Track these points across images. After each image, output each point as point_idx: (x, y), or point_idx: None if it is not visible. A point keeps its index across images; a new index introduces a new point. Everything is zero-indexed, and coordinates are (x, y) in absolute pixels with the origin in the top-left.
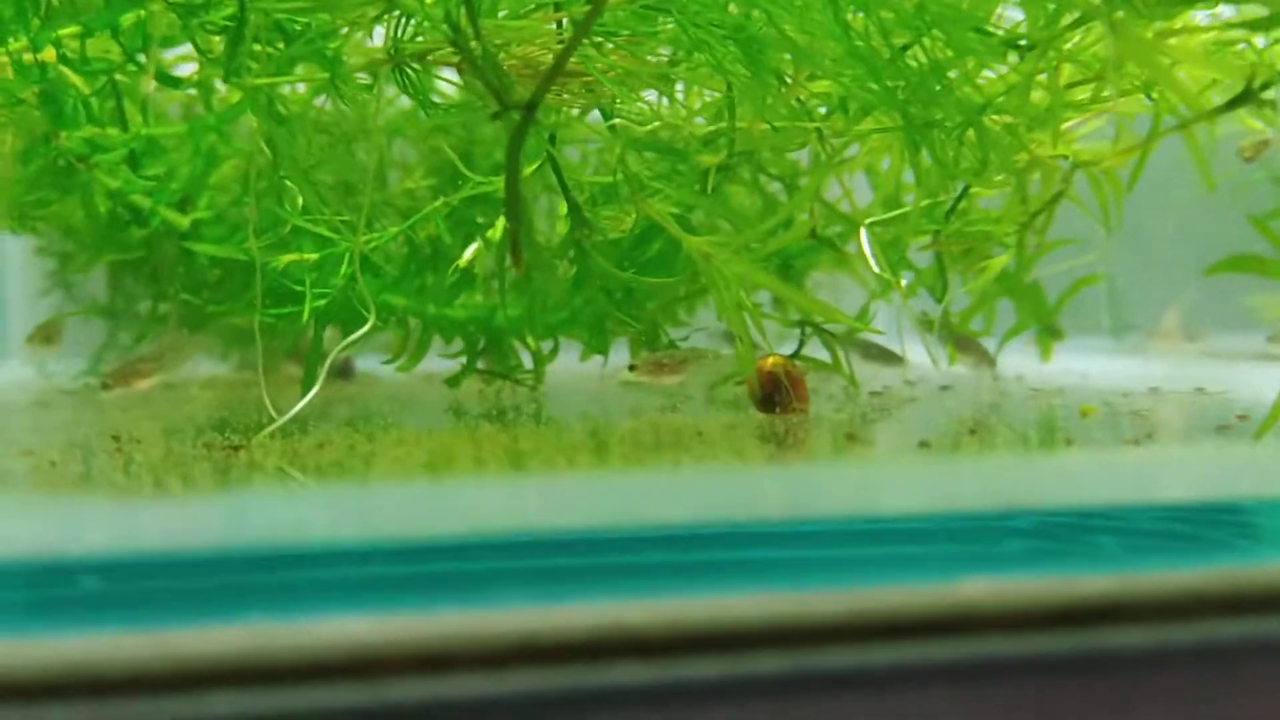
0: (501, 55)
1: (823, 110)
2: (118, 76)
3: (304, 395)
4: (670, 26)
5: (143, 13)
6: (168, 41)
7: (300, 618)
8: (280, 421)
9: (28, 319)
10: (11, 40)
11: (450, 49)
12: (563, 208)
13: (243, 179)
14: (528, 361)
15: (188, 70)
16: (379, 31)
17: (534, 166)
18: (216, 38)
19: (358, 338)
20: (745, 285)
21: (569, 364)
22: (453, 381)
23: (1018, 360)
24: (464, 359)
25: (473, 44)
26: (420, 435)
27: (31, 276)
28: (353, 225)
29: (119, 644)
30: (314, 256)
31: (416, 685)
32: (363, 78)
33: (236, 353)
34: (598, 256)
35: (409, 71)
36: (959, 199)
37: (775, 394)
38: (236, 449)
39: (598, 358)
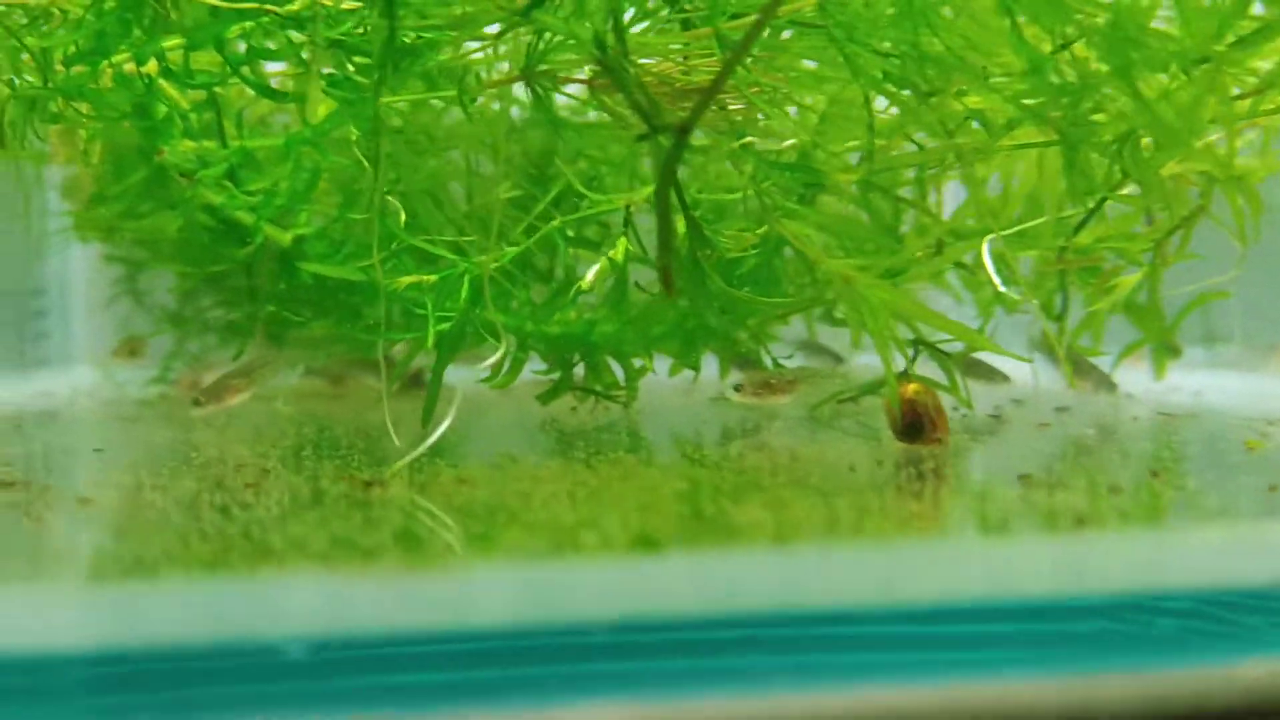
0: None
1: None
2: (216, 90)
3: (425, 421)
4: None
5: (248, 25)
6: (271, 55)
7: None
8: (413, 454)
9: (93, 327)
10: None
11: (594, 68)
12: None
13: (343, 194)
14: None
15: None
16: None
17: (653, 186)
18: (320, 50)
19: (491, 361)
20: (887, 309)
21: (653, 379)
22: (545, 398)
23: (1125, 376)
24: (555, 375)
25: (622, 64)
26: (557, 470)
27: (97, 285)
28: (466, 246)
29: None
30: (432, 278)
31: None
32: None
33: (309, 364)
34: (715, 275)
35: (539, 89)
36: (1091, 214)
37: (917, 423)
38: (372, 484)
39: (677, 374)
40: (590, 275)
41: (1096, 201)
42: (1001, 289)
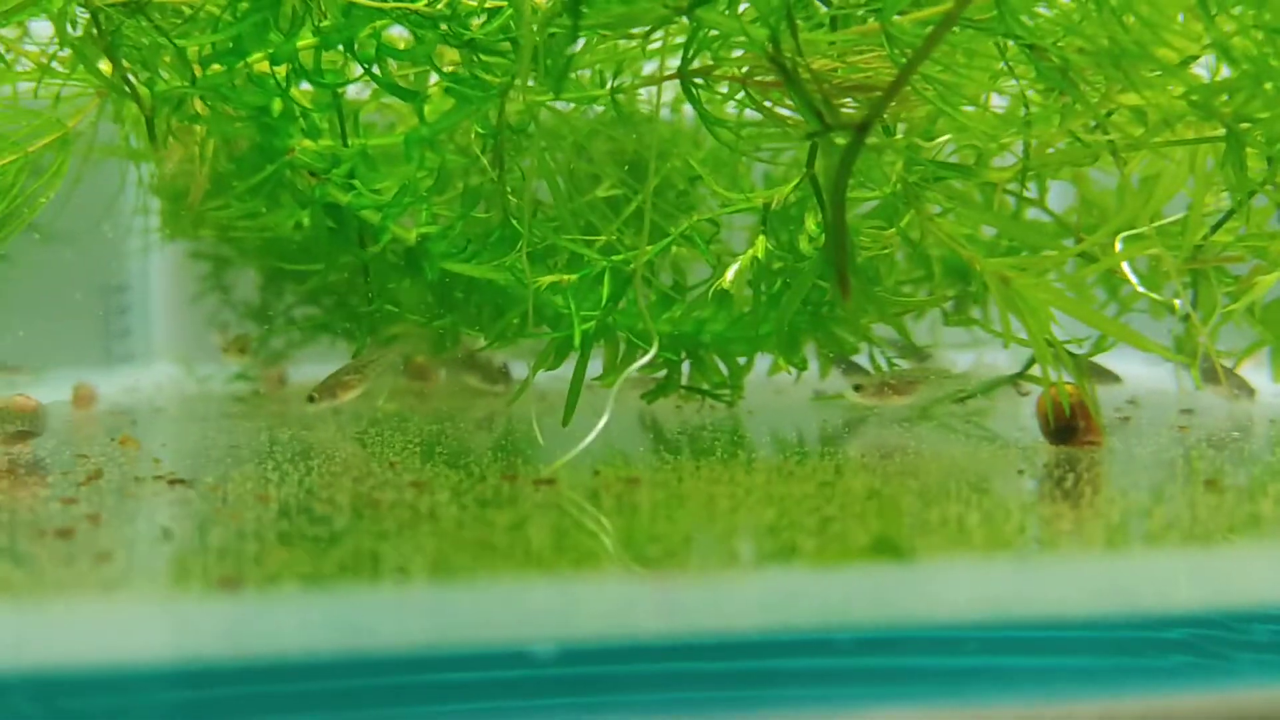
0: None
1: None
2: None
3: (566, 420)
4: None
5: (378, 24)
6: (400, 54)
7: None
8: (572, 453)
9: (171, 324)
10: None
11: (752, 67)
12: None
13: (462, 193)
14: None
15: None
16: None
17: (795, 182)
18: (452, 49)
19: (639, 364)
20: (1044, 308)
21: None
22: (650, 396)
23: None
24: (657, 374)
25: (795, 63)
26: (718, 469)
27: (177, 282)
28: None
29: None
30: (571, 278)
31: None
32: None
33: (407, 361)
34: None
35: (694, 88)
36: (1232, 211)
37: (1071, 425)
38: (541, 483)
39: (776, 373)
40: (730, 274)
41: (1238, 200)
42: (1138, 286)
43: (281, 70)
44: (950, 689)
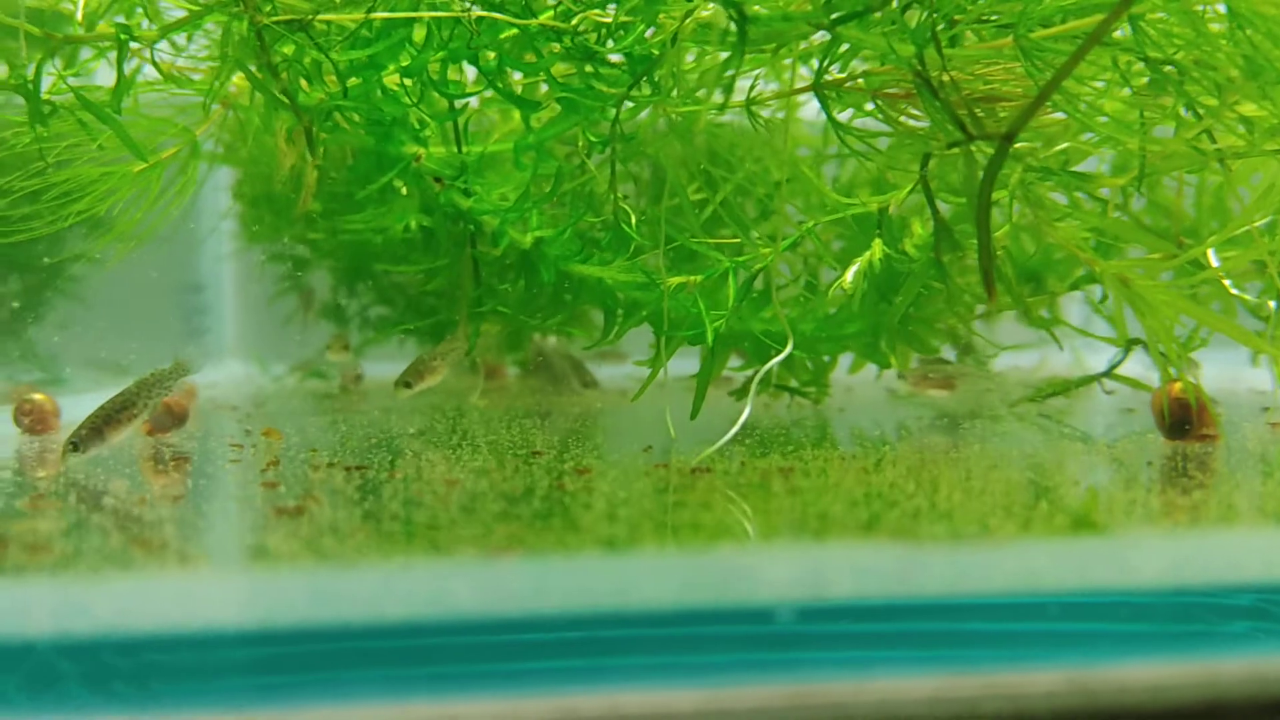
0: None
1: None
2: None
3: (695, 413)
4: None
5: (502, 36)
6: (523, 66)
7: None
8: (719, 443)
9: (243, 323)
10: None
11: (898, 79)
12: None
13: (573, 197)
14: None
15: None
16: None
17: (909, 188)
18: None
19: (773, 364)
20: (1164, 308)
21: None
22: (739, 393)
23: None
24: (742, 371)
25: (940, 77)
26: (862, 458)
27: (249, 283)
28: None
29: None
30: (698, 279)
31: None
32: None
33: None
34: (955, 276)
35: (828, 99)
36: None
37: (1186, 419)
38: (698, 471)
39: (858, 370)
40: (849, 275)
41: None
42: (1234, 291)
43: (406, 82)
44: (1174, 646)
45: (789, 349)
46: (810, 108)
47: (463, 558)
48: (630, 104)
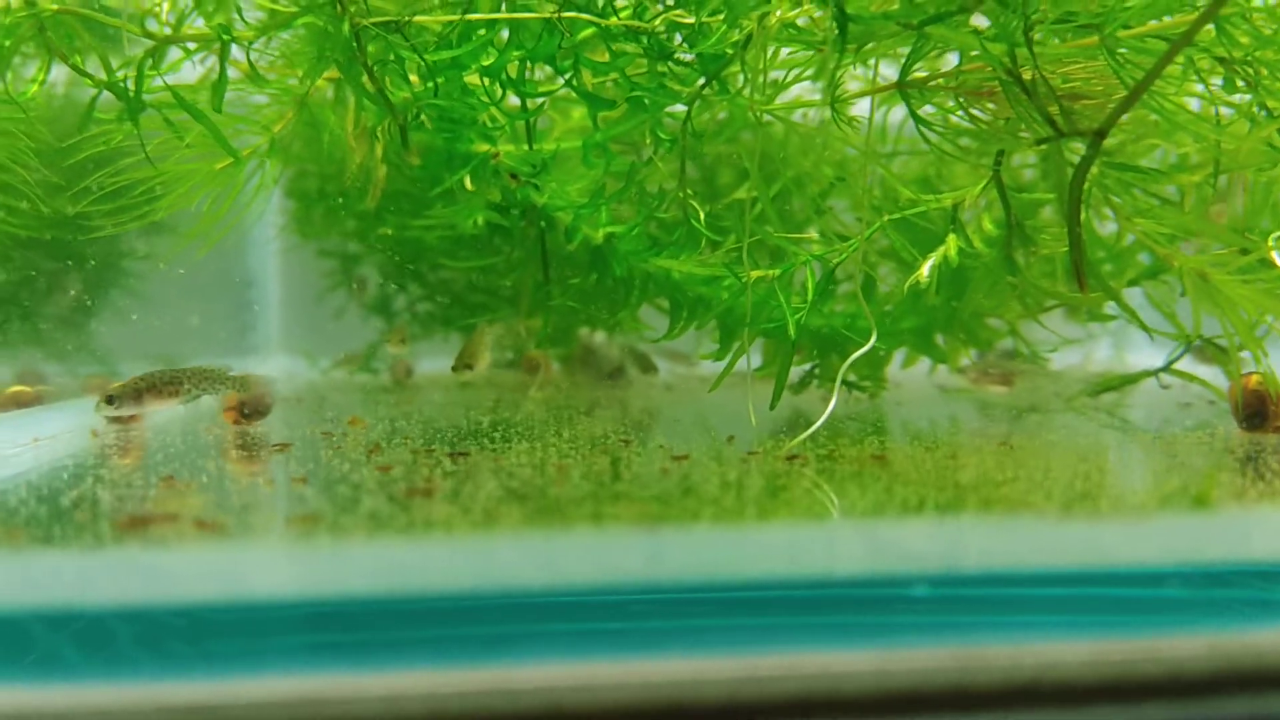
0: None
1: None
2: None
3: (774, 404)
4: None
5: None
6: (598, 66)
7: None
8: (807, 433)
9: (289, 318)
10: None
11: (981, 78)
12: (986, 221)
13: (641, 193)
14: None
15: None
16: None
17: (981, 185)
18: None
19: (858, 356)
20: (1243, 302)
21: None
22: (798, 388)
23: None
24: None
25: (1035, 74)
26: (947, 448)
27: (296, 278)
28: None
29: None
30: (776, 272)
31: None
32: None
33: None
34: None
35: (910, 98)
36: None
37: (1263, 411)
38: (794, 458)
39: (911, 365)
40: (925, 269)
41: None
42: None
43: (483, 82)
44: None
45: (871, 342)
46: (859, 107)
47: (623, 529)
48: (698, 102)
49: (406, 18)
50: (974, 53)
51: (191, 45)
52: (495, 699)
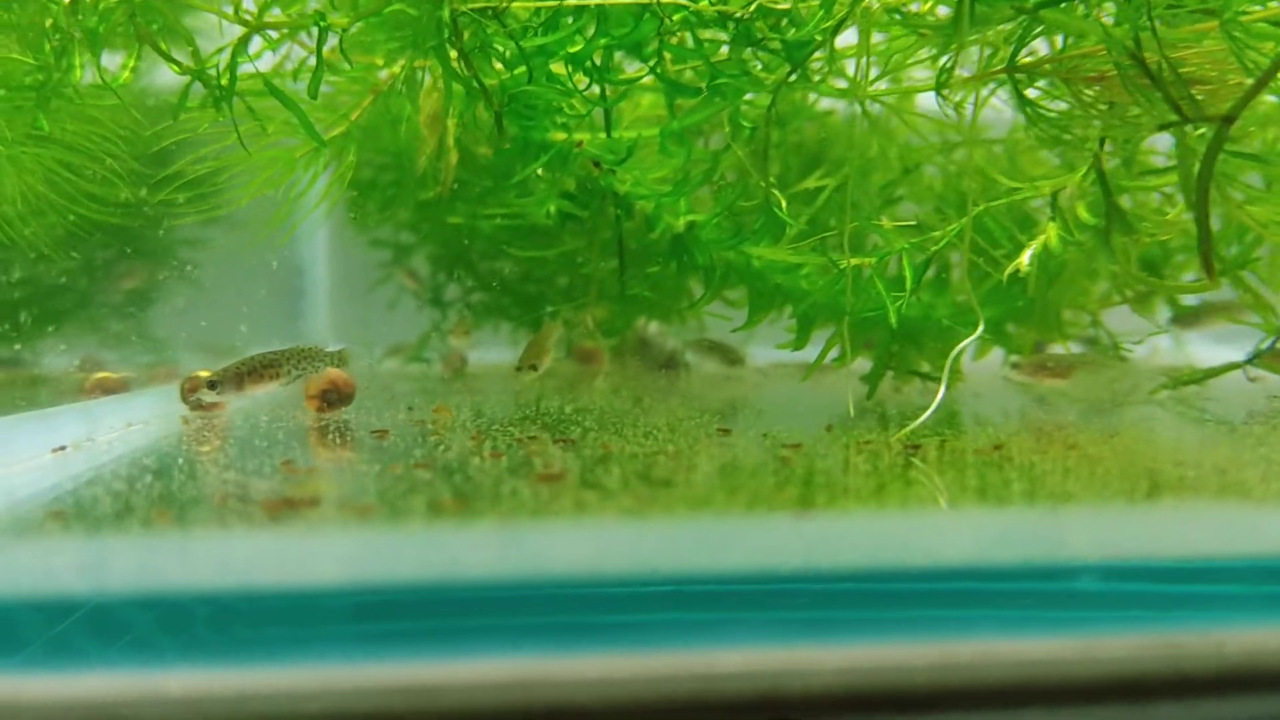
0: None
1: None
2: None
3: (870, 393)
4: None
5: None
6: (683, 53)
7: None
8: (917, 422)
9: (339, 307)
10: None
11: (1091, 63)
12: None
13: (720, 182)
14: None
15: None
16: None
17: (1081, 172)
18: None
19: (966, 344)
20: None
21: None
22: (871, 377)
23: None
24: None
25: (1160, 59)
26: (1054, 434)
27: (346, 268)
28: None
29: None
30: (872, 261)
31: None
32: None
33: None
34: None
35: (1018, 83)
36: None
37: None
38: (910, 448)
39: (983, 357)
40: (1025, 258)
41: None
42: None
43: (562, 69)
44: None
45: (979, 331)
46: (924, 96)
47: (775, 514)
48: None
49: (504, 3)
50: (1083, 39)
51: (275, 34)
52: (716, 683)
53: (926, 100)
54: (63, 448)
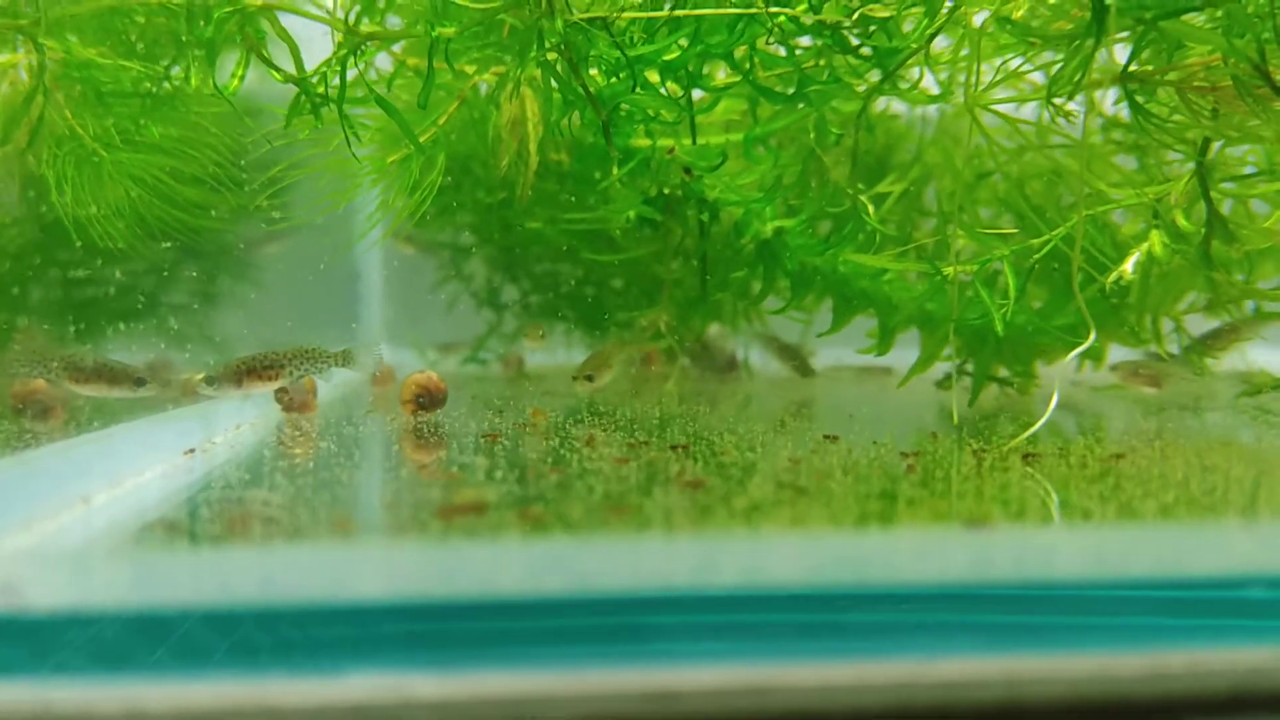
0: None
1: None
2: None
3: (973, 400)
4: None
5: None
6: (773, 60)
7: None
8: (1029, 431)
9: (394, 311)
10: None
11: (1205, 73)
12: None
13: (806, 188)
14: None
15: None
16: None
17: (1186, 179)
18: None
19: (1079, 351)
20: None
21: None
22: (944, 384)
23: None
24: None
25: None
26: (1171, 444)
27: (402, 272)
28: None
29: None
30: (974, 267)
31: None
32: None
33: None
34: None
35: (1132, 92)
36: None
37: None
38: (1028, 457)
39: (1053, 363)
40: (1129, 265)
41: None
42: None
43: (655, 77)
44: None
45: (1091, 339)
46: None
47: (937, 526)
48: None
49: (615, 14)
50: (1189, 49)
51: (372, 43)
52: (919, 692)
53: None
54: (191, 450)
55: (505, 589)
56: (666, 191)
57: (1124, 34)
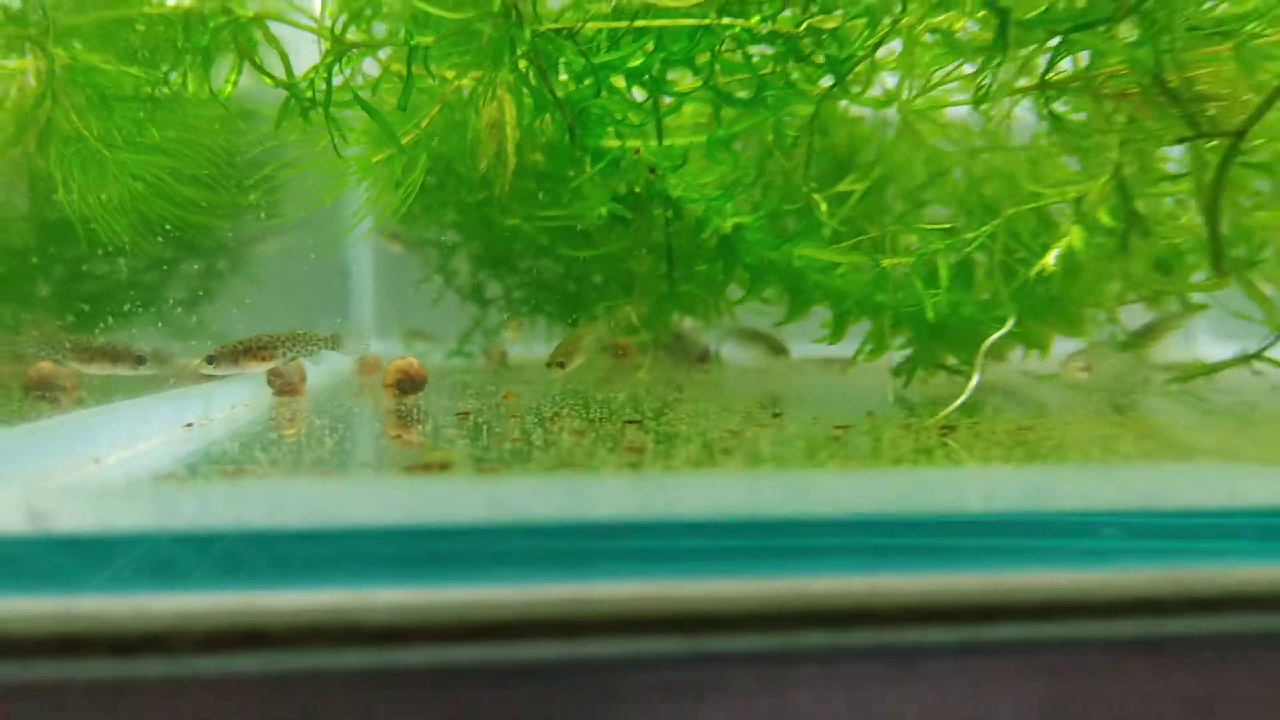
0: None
1: None
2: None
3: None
4: None
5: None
6: (733, 67)
7: None
8: (952, 407)
9: (380, 304)
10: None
11: (1116, 80)
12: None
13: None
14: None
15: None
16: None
17: (1103, 179)
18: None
19: (1001, 334)
20: None
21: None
22: (902, 371)
23: None
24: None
25: (1181, 79)
26: (1084, 418)
27: (386, 267)
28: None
29: None
30: (909, 260)
31: None
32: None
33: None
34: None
35: (1048, 98)
36: None
37: None
38: (946, 430)
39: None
40: (1051, 258)
41: None
42: None
43: (621, 82)
44: None
45: (1008, 325)
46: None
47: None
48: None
49: (579, 24)
50: (1105, 58)
51: (356, 50)
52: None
53: (952, 110)
54: (190, 424)
55: (461, 519)
56: (636, 190)
57: (1054, 43)
